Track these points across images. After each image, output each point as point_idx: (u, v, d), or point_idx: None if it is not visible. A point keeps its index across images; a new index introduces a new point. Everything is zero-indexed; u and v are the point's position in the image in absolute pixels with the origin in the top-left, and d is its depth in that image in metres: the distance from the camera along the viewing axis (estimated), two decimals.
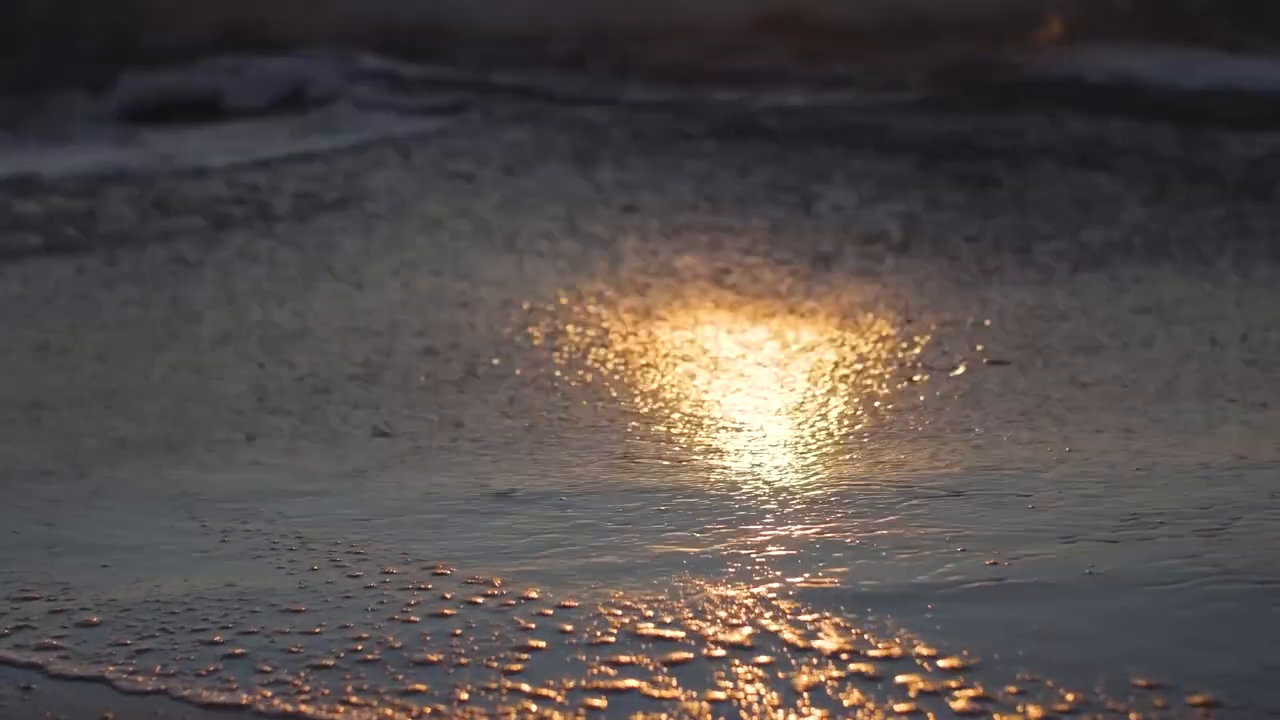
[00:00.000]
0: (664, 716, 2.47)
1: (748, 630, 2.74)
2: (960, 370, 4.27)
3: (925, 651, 2.63)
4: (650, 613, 2.80)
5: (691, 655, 2.66)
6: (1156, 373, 4.23)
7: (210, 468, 3.63)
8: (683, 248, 5.94)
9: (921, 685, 2.53)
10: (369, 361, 4.49)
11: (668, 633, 2.73)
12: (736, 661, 2.63)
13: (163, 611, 2.88)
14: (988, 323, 4.82)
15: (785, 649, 2.67)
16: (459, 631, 2.78)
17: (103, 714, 2.54)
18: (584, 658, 2.66)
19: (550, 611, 2.86)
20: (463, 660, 2.66)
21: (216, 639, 2.76)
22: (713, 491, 3.37)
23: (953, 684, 2.53)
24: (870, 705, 2.48)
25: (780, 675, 2.59)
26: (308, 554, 3.12)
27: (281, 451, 3.73)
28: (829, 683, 2.56)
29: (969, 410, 3.90)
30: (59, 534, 3.27)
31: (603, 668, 2.62)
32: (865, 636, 2.69)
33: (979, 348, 4.51)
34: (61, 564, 3.11)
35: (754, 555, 3.04)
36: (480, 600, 2.88)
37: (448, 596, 2.91)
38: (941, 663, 2.60)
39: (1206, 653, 2.62)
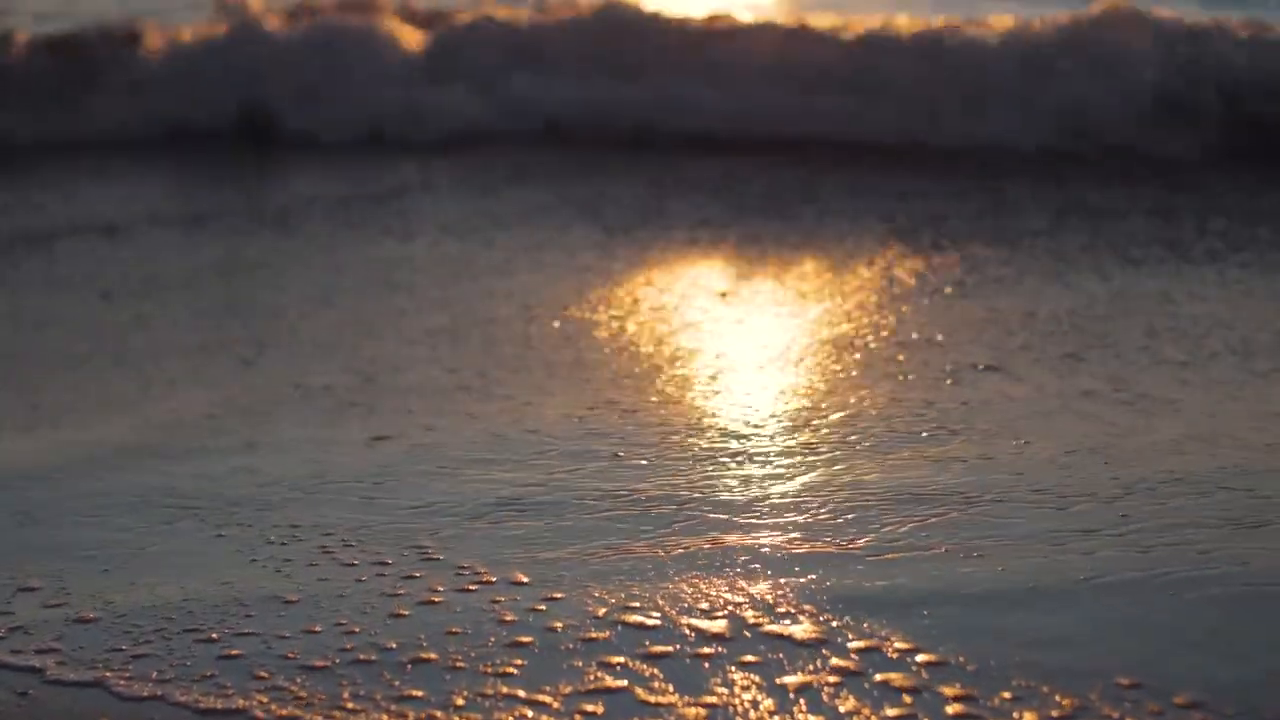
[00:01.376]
0: None
1: (740, 634, 2.75)
2: (954, 375, 4.27)
3: (919, 656, 2.64)
4: (645, 615, 2.81)
5: (687, 660, 2.66)
6: (1152, 377, 4.24)
7: (208, 470, 3.63)
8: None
9: (915, 690, 2.54)
10: (366, 366, 4.49)
11: (662, 635, 2.74)
12: (729, 666, 2.64)
13: (160, 615, 2.88)
14: (983, 327, 4.82)
15: (778, 652, 2.68)
16: (456, 630, 2.79)
17: (100, 719, 2.55)
18: (580, 662, 2.66)
19: (544, 607, 2.87)
20: (459, 664, 2.67)
21: (213, 642, 2.77)
22: (708, 496, 3.37)
23: (946, 689, 2.53)
24: (865, 710, 2.49)
25: (773, 679, 2.59)
26: (304, 556, 3.13)
27: (280, 455, 3.73)
28: (823, 687, 2.56)
29: (962, 415, 3.91)
30: (57, 537, 3.27)
31: (598, 672, 2.63)
32: (859, 641, 2.70)
33: (972, 352, 4.52)
34: (59, 567, 3.11)
35: (747, 559, 3.05)
36: (479, 602, 2.89)
37: (445, 597, 2.91)
38: (935, 668, 2.60)
39: (1204, 658, 2.63)
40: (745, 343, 4.73)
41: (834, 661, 2.64)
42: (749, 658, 2.66)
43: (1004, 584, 2.91)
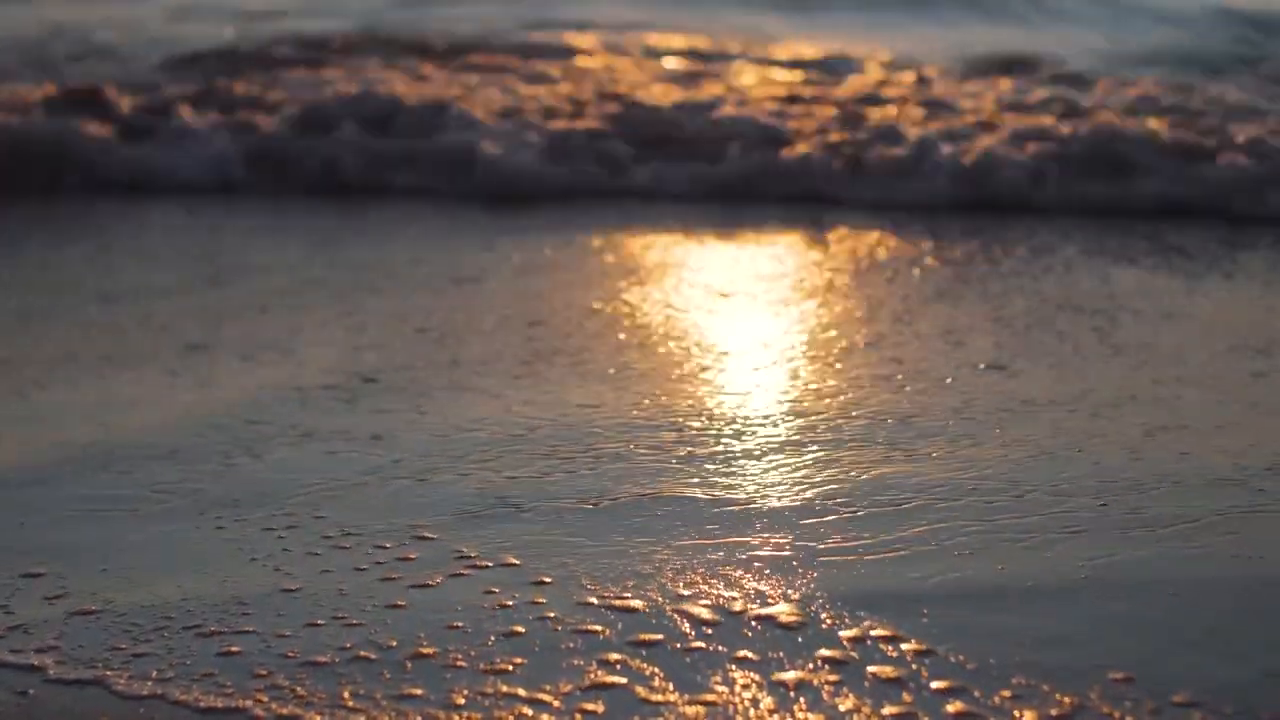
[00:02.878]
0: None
1: (741, 631, 2.75)
2: (956, 374, 4.28)
3: (918, 654, 2.64)
4: (645, 612, 2.81)
5: (687, 657, 2.67)
6: (1155, 377, 4.24)
7: (208, 468, 3.63)
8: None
9: (915, 689, 2.54)
10: (366, 365, 4.49)
11: (662, 635, 2.74)
12: (730, 665, 2.64)
13: (159, 613, 2.88)
14: (986, 327, 4.83)
15: (775, 649, 2.68)
16: (459, 625, 2.79)
17: (100, 718, 2.55)
18: (580, 661, 2.67)
19: (543, 600, 2.89)
20: (460, 662, 2.67)
21: (213, 641, 2.77)
22: (709, 494, 3.38)
23: (946, 688, 2.54)
24: (864, 708, 2.49)
25: (770, 675, 2.60)
26: (303, 553, 3.13)
27: (279, 453, 3.74)
28: (822, 685, 2.57)
29: (964, 413, 3.91)
30: (56, 536, 3.28)
31: (597, 669, 2.63)
32: (858, 638, 2.70)
33: (975, 352, 4.53)
34: (59, 565, 3.11)
35: (745, 555, 3.05)
36: (478, 598, 2.90)
37: (445, 592, 2.92)
38: (935, 666, 2.61)
39: (1202, 657, 2.63)
40: (745, 339, 4.74)
41: (833, 659, 2.64)
42: (746, 654, 2.67)
43: (1004, 582, 2.92)
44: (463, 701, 2.55)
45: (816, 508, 3.28)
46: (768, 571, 2.98)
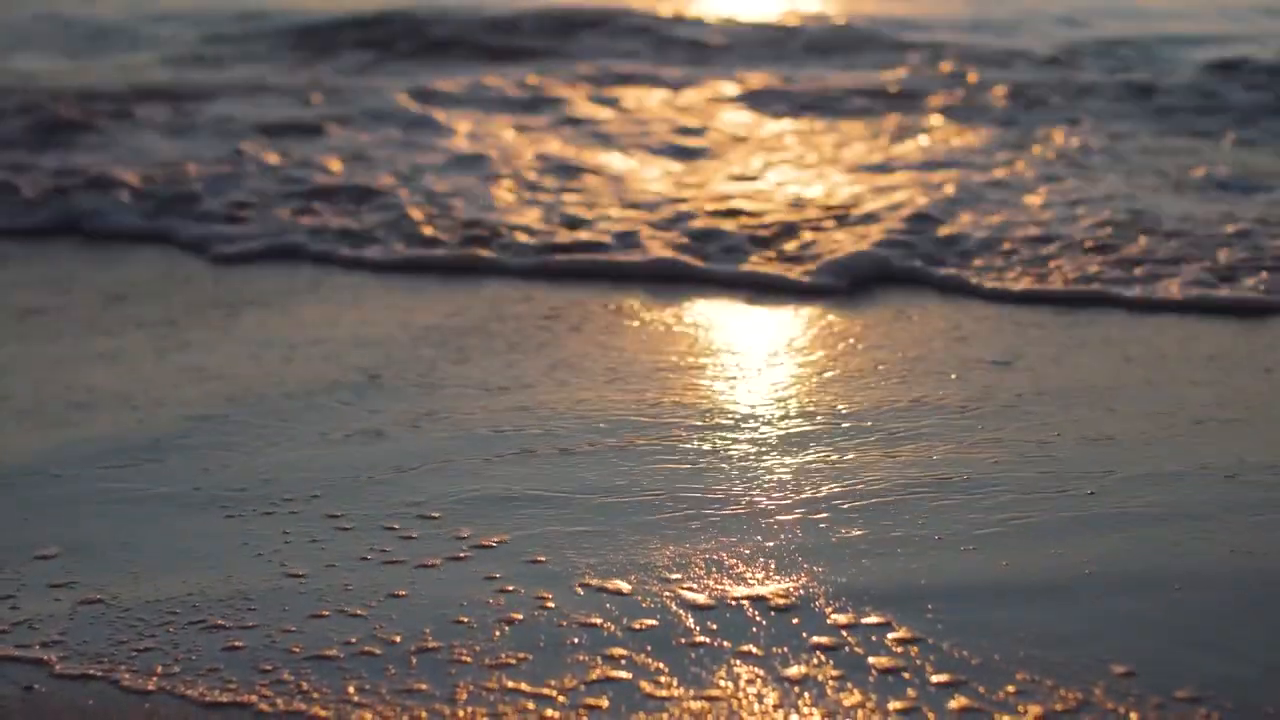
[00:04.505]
0: (664, 716, 2.49)
1: (745, 627, 2.75)
2: (960, 371, 4.28)
3: (923, 651, 2.65)
4: (648, 608, 2.82)
5: (691, 652, 2.67)
6: (1159, 374, 4.24)
7: (212, 464, 3.64)
8: None
9: (919, 684, 2.55)
10: (370, 363, 4.50)
11: (666, 630, 2.75)
12: (734, 660, 2.64)
13: (164, 609, 2.89)
14: (989, 324, 4.83)
15: (782, 646, 2.69)
16: (463, 620, 2.80)
17: (105, 714, 2.56)
18: (584, 656, 2.67)
19: (547, 594, 2.90)
20: (464, 657, 2.68)
21: (218, 636, 2.78)
22: (712, 488, 3.38)
23: (950, 684, 2.54)
24: (869, 704, 2.50)
25: (778, 673, 2.60)
26: (307, 548, 3.14)
27: (283, 450, 3.74)
28: (827, 681, 2.57)
29: (968, 410, 3.91)
30: (61, 532, 3.28)
31: (602, 665, 2.64)
32: (863, 634, 2.71)
33: (980, 349, 4.53)
34: (64, 562, 3.12)
35: (750, 551, 3.05)
36: (482, 593, 2.90)
37: (449, 587, 2.92)
38: (939, 663, 2.61)
39: (1205, 654, 2.64)
40: (749, 338, 4.74)
41: (837, 654, 2.65)
42: (753, 650, 2.67)
43: (1007, 578, 2.92)
44: (466, 697, 2.56)
45: (818, 502, 3.29)
46: (770, 565, 2.99)
